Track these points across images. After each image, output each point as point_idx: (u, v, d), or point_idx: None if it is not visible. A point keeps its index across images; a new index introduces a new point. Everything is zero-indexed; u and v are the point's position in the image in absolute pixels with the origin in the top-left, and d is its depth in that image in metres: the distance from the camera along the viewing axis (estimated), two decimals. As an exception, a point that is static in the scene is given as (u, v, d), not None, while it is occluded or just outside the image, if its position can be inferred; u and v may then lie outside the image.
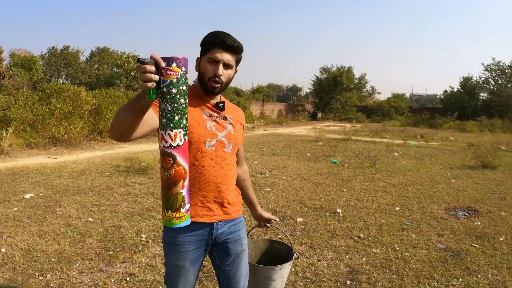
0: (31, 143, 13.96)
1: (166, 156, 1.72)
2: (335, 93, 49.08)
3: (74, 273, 4.30)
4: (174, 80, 1.64)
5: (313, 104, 54.32)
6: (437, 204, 7.80)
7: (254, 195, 2.81)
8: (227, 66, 2.21)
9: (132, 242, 5.18)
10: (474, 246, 5.63)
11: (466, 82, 43.75)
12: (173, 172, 1.72)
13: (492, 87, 42.38)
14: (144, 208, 6.61)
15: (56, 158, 12.12)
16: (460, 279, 4.58)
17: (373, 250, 5.38)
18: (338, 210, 7.03)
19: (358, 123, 38.27)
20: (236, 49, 2.20)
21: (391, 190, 8.90)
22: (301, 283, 4.34)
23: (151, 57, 1.62)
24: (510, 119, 34.94)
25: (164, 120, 1.69)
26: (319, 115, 48.19)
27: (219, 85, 2.21)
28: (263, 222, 2.86)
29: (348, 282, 4.41)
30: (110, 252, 4.86)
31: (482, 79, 43.35)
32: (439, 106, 47.95)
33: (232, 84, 24.75)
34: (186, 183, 1.77)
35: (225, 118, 2.34)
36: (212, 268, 2.78)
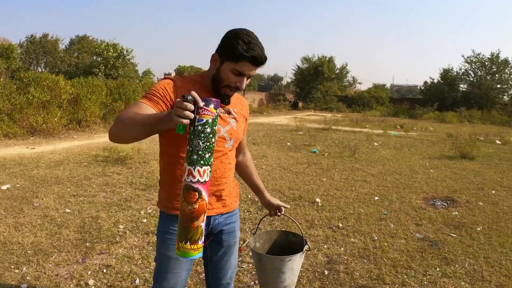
0: (9, 133, 13.74)
1: (192, 191, 1.74)
2: (316, 82, 49.08)
3: (50, 265, 4.25)
4: (210, 120, 1.69)
5: (294, 94, 54.28)
6: (415, 194, 7.86)
7: (260, 181, 2.78)
8: (249, 77, 2.15)
9: (109, 233, 5.13)
10: (451, 236, 5.68)
11: (446, 74, 44.04)
12: (197, 207, 1.75)
13: (471, 79, 42.68)
14: (122, 199, 6.55)
15: (34, 148, 11.95)
16: (438, 269, 4.62)
17: (352, 239, 5.40)
18: (317, 199, 7.05)
19: (338, 113, 38.37)
20: (264, 63, 2.12)
21: (370, 179, 8.94)
22: None
23: (192, 95, 1.64)
24: (489, 111, 35.37)
25: (195, 157, 1.72)
26: (300, 104, 48.19)
27: (234, 93, 2.19)
28: (273, 210, 2.80)
29: (326, 272, 4.42)
30: (87, 244, 4.80)
31: (462, 70, 43.68)
32: (419, 97, 48.25)
33: (213, 74, 24.86)
34: (205, 216, 1.80)
35: (229, 112, 2.27)
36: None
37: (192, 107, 1.63)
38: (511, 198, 7.82)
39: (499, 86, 40.94)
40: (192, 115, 1.63)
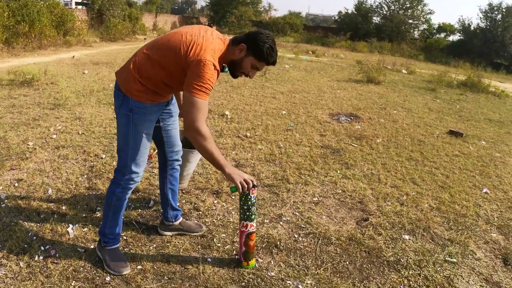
0: None
1: (254, 234, 2.84)
2: (231, 7, 48.24)
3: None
4: (255, 195, 2.77)
5: (208, 18, 53.31)
6: (321, 109, 8.10)
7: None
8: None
9: (19, 150, 4.88)
10: (353, 145, 5.95)
11: (360, 5, 44.44)
12: (254, 241, 2.88)
13: (385, 12, 43.43)
14: (31, 118, 6.20)
15: None
16: (338, 171, 4.86)
17: (259, 147, 5.53)
18: (227, 112, 7.09)
19: (252, 38, 38.17)
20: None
21: (279, 96, 9.09)
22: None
23: (256, 186, 2.70)
24: (399, 43, 36.36)
25: (253, 216, 2.79)
26: (214, 28, 47.35)
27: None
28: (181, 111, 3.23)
29: (232, 174, 4.53)
30: (-3, 162, 4.58)
31: (376, 3, 44.32)
32: (334, 26, 48.74)
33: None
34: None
35: None
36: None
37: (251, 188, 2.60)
38: (410, 118, 8.24)
39: (410, 21, 42.00)
40: (246, 191, 2.61)
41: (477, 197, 4.63)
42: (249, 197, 2.71)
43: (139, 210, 3.60)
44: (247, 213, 2.76)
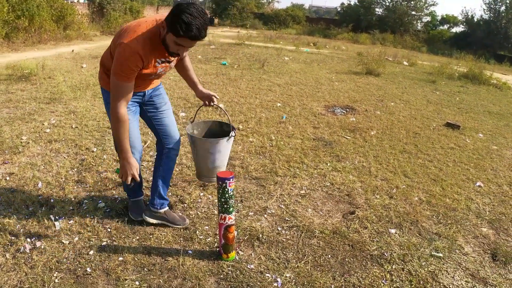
0: None
1: (233, 226, 2.89)
2: (233, -1, 48.15)
3: None
4: (234, 188, 2.84)
5: (210, 10, 53.15)
6: (317, 102, 8.07)
7: (195, 76, 3.28)
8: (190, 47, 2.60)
9: (12, 144, 4.87)
10: (346, 137, 5.93)
11: (363, -4, 44.33)
12: (234, 233, 2.92)
13: (388, 4, 43.22)
14: (26, 113, 6.19)
15: None
16: (329, 164, 4.85)
17: (250, 139, 5.52)
18: (221, 105, 7.03)
19: (254, 29, 38.01)
20: (202, 39, 2.48)
21: (276, 89, 9.06)
22: (177, 169, 4.44)
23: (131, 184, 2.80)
24: (402, 35, 36.19)
25: (231, 209, 2.85)
26: (216, 21, 47.17)
27: (179, 56, 2.66)
28: (207, 99, 3.26)
29: (222, 167, 4.53)
30: (-11, 157, 4.58)
31: (379, -6, 44.00)
32: (336, 18, 48.56)
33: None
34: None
35: (169, 62, 2.79)
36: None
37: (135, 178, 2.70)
38: (408, 110, 8.21)
39: (414, 13, 41.79)
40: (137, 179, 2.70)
41: (469, 190, 4.62)
42: (226, 189, 2.78)
43: (125, 202, 3.60)
44: (225, 206, 2.83)
